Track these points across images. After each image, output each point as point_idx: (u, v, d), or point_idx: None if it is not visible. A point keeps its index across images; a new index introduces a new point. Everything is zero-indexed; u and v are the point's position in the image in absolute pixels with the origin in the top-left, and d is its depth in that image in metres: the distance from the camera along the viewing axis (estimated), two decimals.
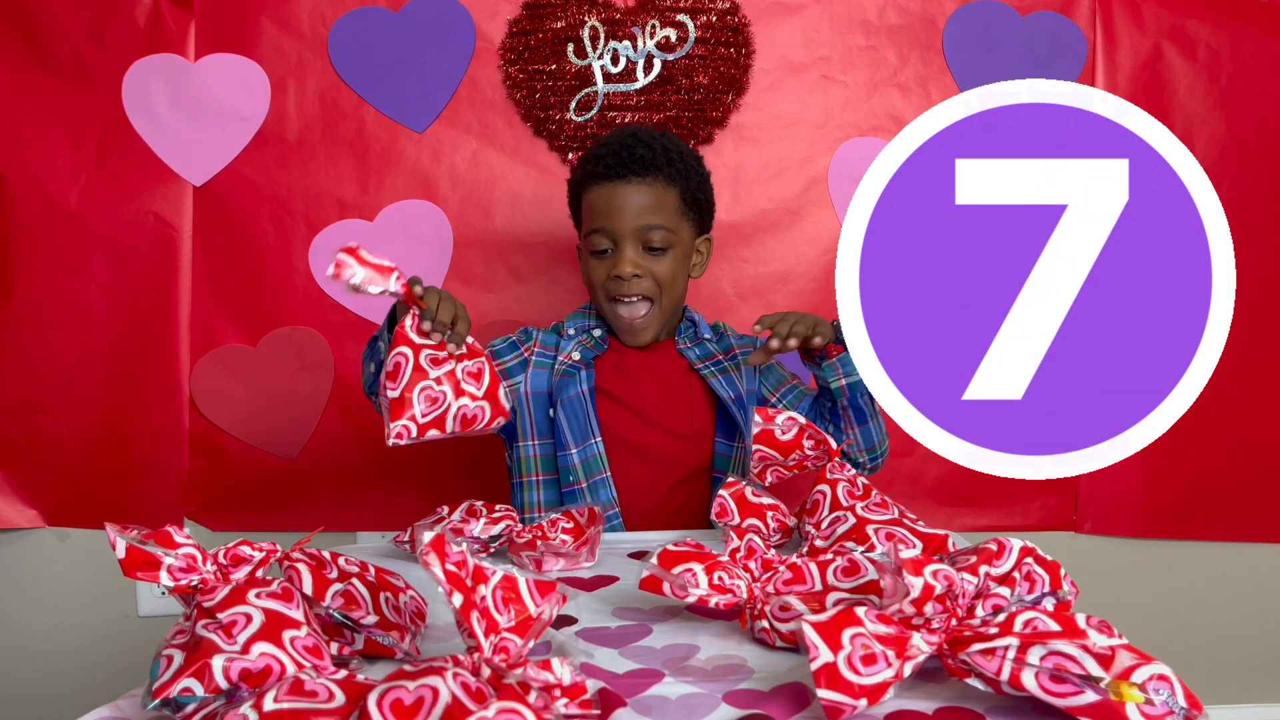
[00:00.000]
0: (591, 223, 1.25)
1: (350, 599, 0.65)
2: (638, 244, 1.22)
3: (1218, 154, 1.64)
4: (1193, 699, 0.51)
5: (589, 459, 1.22)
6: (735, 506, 0.95)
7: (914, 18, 1.64)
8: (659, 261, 1.24)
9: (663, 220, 1.23)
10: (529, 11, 1.60)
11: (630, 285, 1.22)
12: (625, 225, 1.22)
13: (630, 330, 1.26)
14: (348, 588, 0.65)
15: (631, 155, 1.22)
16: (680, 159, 1.25)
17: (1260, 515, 1.71)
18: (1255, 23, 1.64)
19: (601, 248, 1.24)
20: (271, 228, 1.62)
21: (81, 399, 1.62)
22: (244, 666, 0.53)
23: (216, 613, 0.57)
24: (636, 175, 1.22)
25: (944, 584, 0.58)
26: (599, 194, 1.24)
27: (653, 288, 1.24)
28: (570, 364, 1.26)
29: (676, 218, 1.25)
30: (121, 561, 0.57)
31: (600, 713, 0.56)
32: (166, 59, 1.58)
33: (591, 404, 1.23)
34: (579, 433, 1.22)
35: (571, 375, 1.24)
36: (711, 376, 1.27)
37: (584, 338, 1.30)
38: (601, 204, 1.23)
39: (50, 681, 1.68)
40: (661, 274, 1.24)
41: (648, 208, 1.22)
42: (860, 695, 0.53)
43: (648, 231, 1.22)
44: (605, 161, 1.23)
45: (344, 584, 0.65)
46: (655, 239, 1.23)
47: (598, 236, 1.24)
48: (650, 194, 1.23)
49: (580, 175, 1.28)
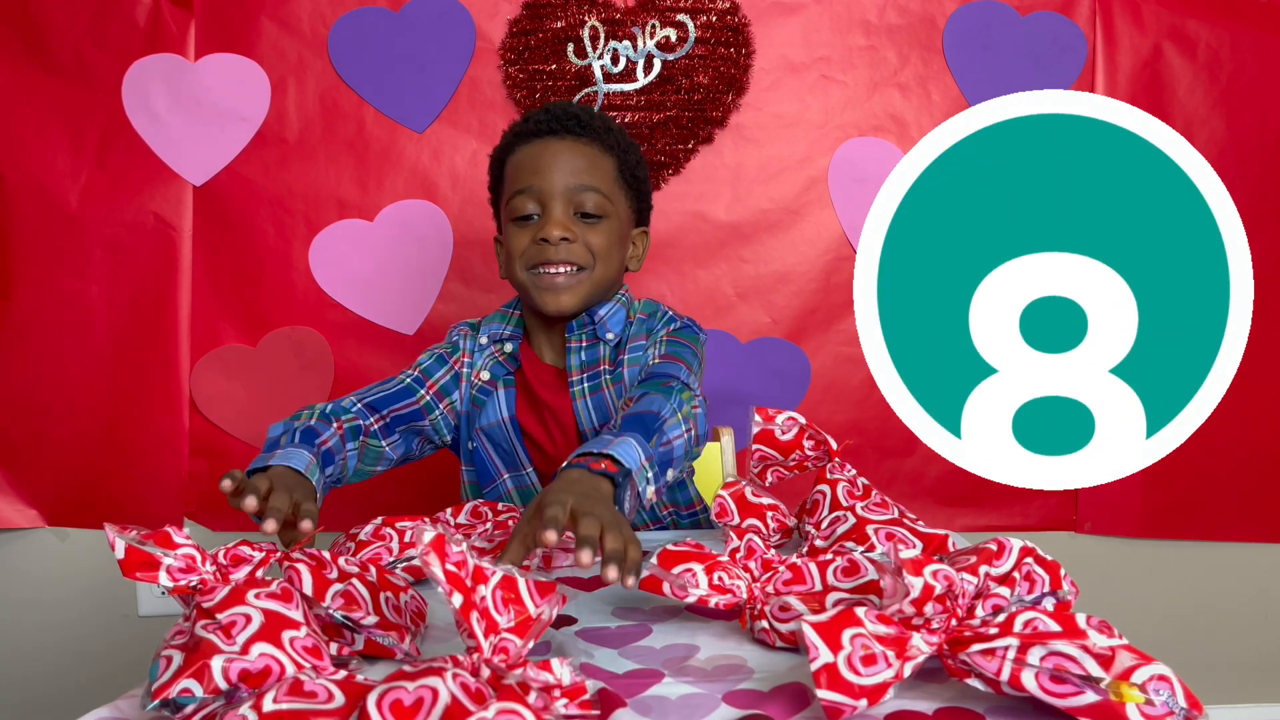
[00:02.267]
0: (515, 184, 1.07)
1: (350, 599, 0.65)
2: (569, 207, 1.05)
3: (1218, 154, 1.64)
4: (1193, 699, 0.51)
5: (524, 488, 1.12)
6: (735, 506, 0.95)
7: (914, 18, 1.64)
8: (593, 230, 1.07)
9: (598, 184, 1.07)
10: (529, 11, 1.60)
11: (559, 250, 1.04)
12: (556, 183, 1.05)
13: (553, 288, 1.06)
14: (348, 588, 0.65)
15: (565, 114, 1.07)
16: (619, 133, 1.12)
17: (1260, 515, 1.71)
18: (1255, 23, 1.64)
19: (525, 212, 1.06)
20: (271, 228, 1.62)
21: (81, 399, 1.62)
22: (243, 667, 0.53)
23: (216, 613, 0.57)
24: (570, 134, 1.06)
25: (944, 584, 0.58)
26: (526, 153, 1.07)
27: (585, 255, 1.06)
28: (482, 385, 1.12)
29: (614, 186, 1.09)
30: (121, 562, 0.57)
31: (600, 713, 0.56)
32: (166, 59, 1.58)
33: (515, 433, 1.11)
34: (507, 462, 1.12)
35: (485, 400, 1.11)
36: (580, 398, 1.09)
37: (495, 349, 1.14)
38: (529, 162, 1.06)
39: (50, 681, 1.68)
40: (596, 243, 1.06)
41: (583, 168, 1.06)
42: (860, 695, 0.53)
43: (581, 194, 1.05)
44: (535, 119, 1.08)
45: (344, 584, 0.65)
46: (589, 203, 1.06)
47: (521, 198, 1.06)
48: (585, 155, 1.07)
49: (505, 140, 1.11)
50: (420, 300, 1.64)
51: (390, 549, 0.88)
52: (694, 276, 1.65)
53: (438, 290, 1.64)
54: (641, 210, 1.16)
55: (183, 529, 0.62)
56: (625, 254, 1.14)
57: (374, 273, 1.63)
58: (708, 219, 1.65)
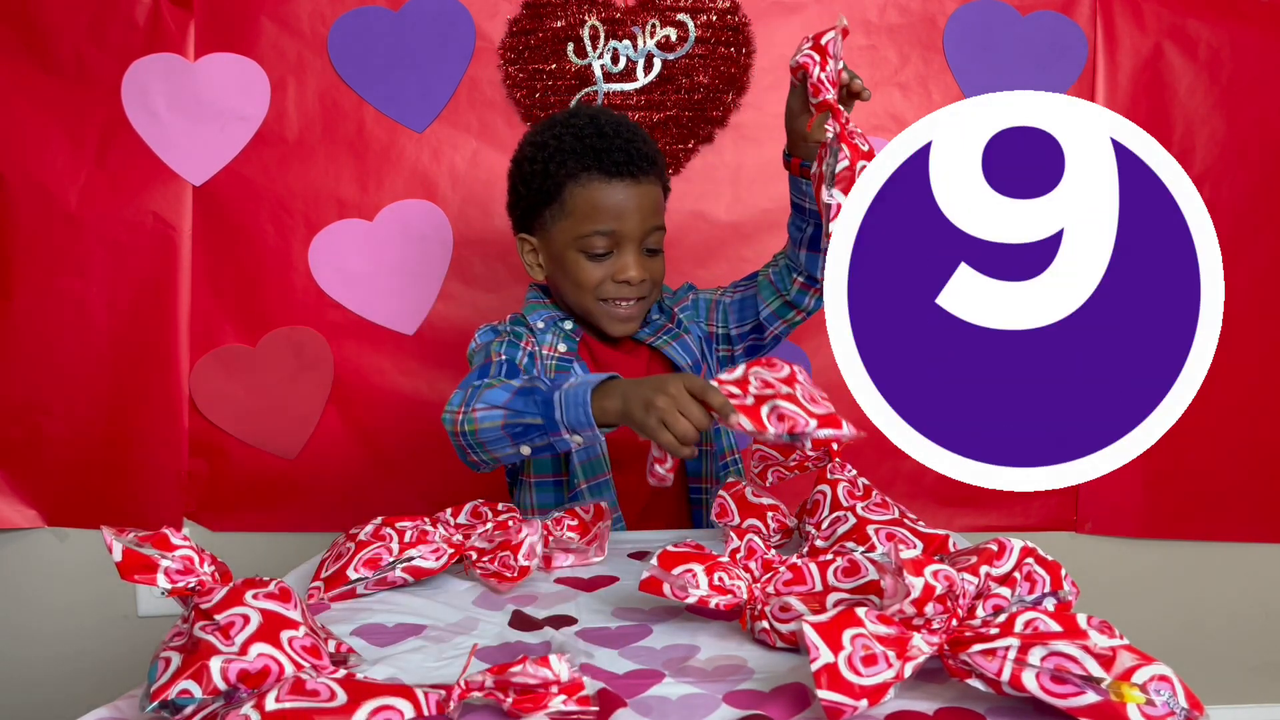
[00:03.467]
0: (592, 223, 1.14)
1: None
2: (640, 247, 1.16)
3: (1218, 154, 1.64)
4: (1194, 699, 0.51)
5: (591, 460, 1.17)
6: (735, 507, 0.95)
7: (914, 17, 1.64)
8: (654, 262, 1.19)
9: (660, 221, 1.19)
10: (529, 11, 1.60)
11: (635, 289, 1.16)
12: (635, 229, 1.14)
13: (623, 320, 1.18)
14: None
15: (638, 153, 1.14)
16: (658, 154, 1.20)
17: (1260, 515, 1.71)
18: (1255, 23, 1.64)
19: (600, 250, 1.15)
20: (271, 227, 1.62)
21: (81, 399, 1.62)
22: (242, 667, 0.53)
23: (214, 614, 0.57)
24: (644, 175, 1.15)
25: (944, 584, 0.58)
26: (604, 192, 1.14)
27: (650, 287, 1.19)
28: (561, 357, 1.19)
29: (663, 216, 1.21)
30: (118, 564, 0.57)
31: (599, 712, 0.56)
32: (166, 59, 1.58)
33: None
34: None
35: (566, 370, 1.18)
36: (666, 346, 1.22)
37: (556, 330, 1.21)
38: (609, 204, 1.14)
39: (50, 682, 1.68)
40: (657, 274, 1.20)
41: (652, 209, 1.17)
42: (861, 696, 0.53)
43: (650, 234, 1.17)
44: (613, 158, 1.13)
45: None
46: (653, 241, 1.18)
47: (598, 238, 1.14)
48: (652, 195, 1.17)
49: (572, 166, 1.15)
50: (420, 300, 1.64)
51: (390, 549, 0.88)
52: (694, 276, 1.64)
53: (437, 290, 1.64)
54: None
55: (182, 529, 0.62)
56: None
57: (374, 273, 1.63)
58: (708, 219, 1.65)
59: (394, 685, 0.52)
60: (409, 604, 0.82)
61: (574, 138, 1.15)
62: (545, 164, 1.16)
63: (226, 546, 1.63)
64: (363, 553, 0.86)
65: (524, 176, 1.20)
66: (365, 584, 0.85)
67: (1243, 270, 1.65)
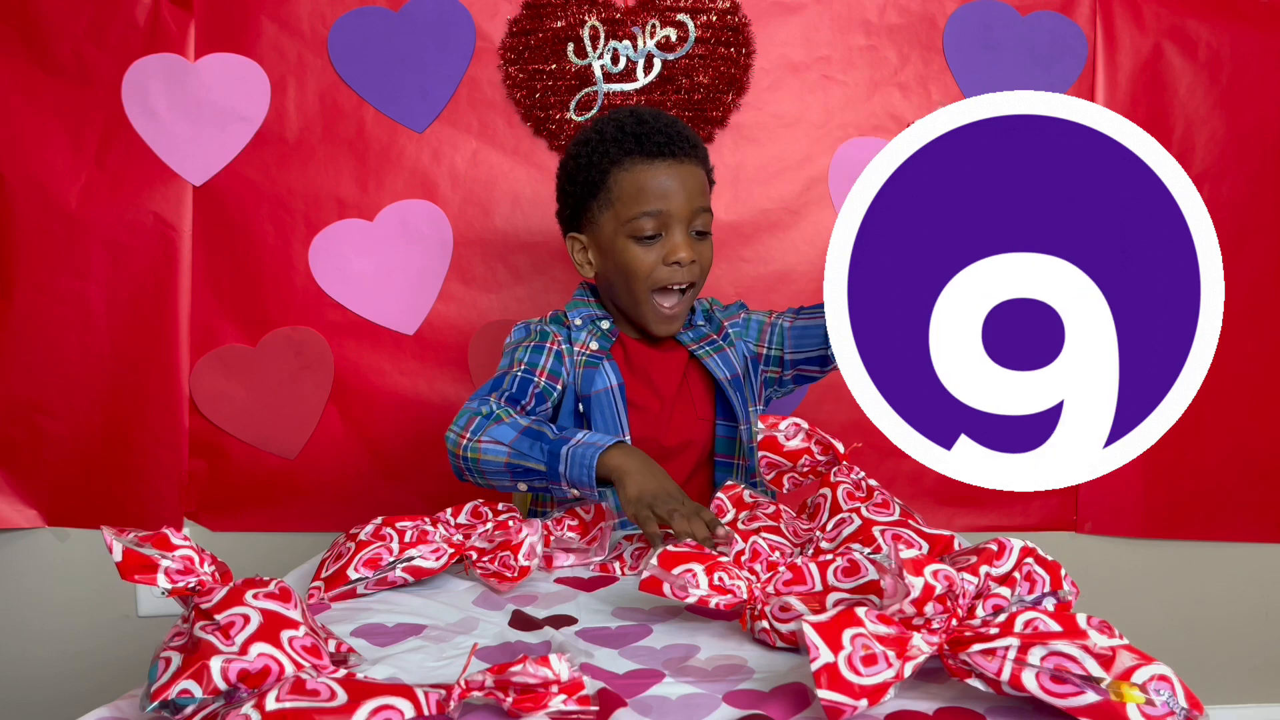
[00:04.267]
0: (638, 205, 1.13)
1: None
2: (688, 228, 1.15)
3: (1218, 154, 1.64)
4: (1193, 699, 0.51)
5: None
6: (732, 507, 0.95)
7: (914, 17, 1.64)
8: (703, 246, 1.17)
9: (707, 203, 1.17)
10: (529, 11, 1.60)
11: (687, 271, 1.15)
12: (682, 208, 1.13)
13: (668, 320, 1.18)
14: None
15: (679, 135, 1.14)
16: (700, 141, 1.21)
17: (1260, 515, 1.71)
18: (1255, 23, 1.64)
19: (650, 232, 1.13)
20: (271, 227, 1.62)
21: (81, 399, 1.62)
22: (242, 667, 0.53)
23: (214, 614, 0.57)
24: (686, 155, 1.15)
25: (944, 584, 0.58)
26: (647, 173, 1.13)
27: (699, 273, 1.17)
28: (591, 355, 1.19)
29: (709, 200, 1.19)
30: (118, 564, 0.57)
31: (599, 711, 0.56)
32: (166, 59, 1.58)
33: (622, 400, 1.18)
34: (604, 429, 1.17)
35: (595, 367, 1.18)
36: (707, 357, 1.22)
37: (591, 329, 1.22)
38: (655, 185, 1.13)
39: (50, 681, 1.68)
40: (706, 259, 1.17)
41: (698, 189, 1.15)
42: (861, 696, 0.53)
43: (697, 216, 1.15)
44: (655, 140, 1.13)
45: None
46: (701, 223, 1.16)
47: (646, 220, 1.13)
48: (697, 175, 1.16)
49: (614, 153, 1.15)
50: (420, 300, 1.64)
51: (390, 549, 0.88)
52: None
53: (437, 290, 1.64)
54: None
55: (182, 529, 0.62)
56: None
57: (374, 273, 1.63)
58: None
59: (394, 685, 0.52)
60: (409, 604, 0.82)
61: (615, 128, 1.16)
62: (589, 157, 1.17)
63: (226, 546, 1.63)
64: (363, 553, 0.86)
65: (570, 174, 1.20)
66: (365, 584, 0.85)
67: (1243, 270, 1.66)
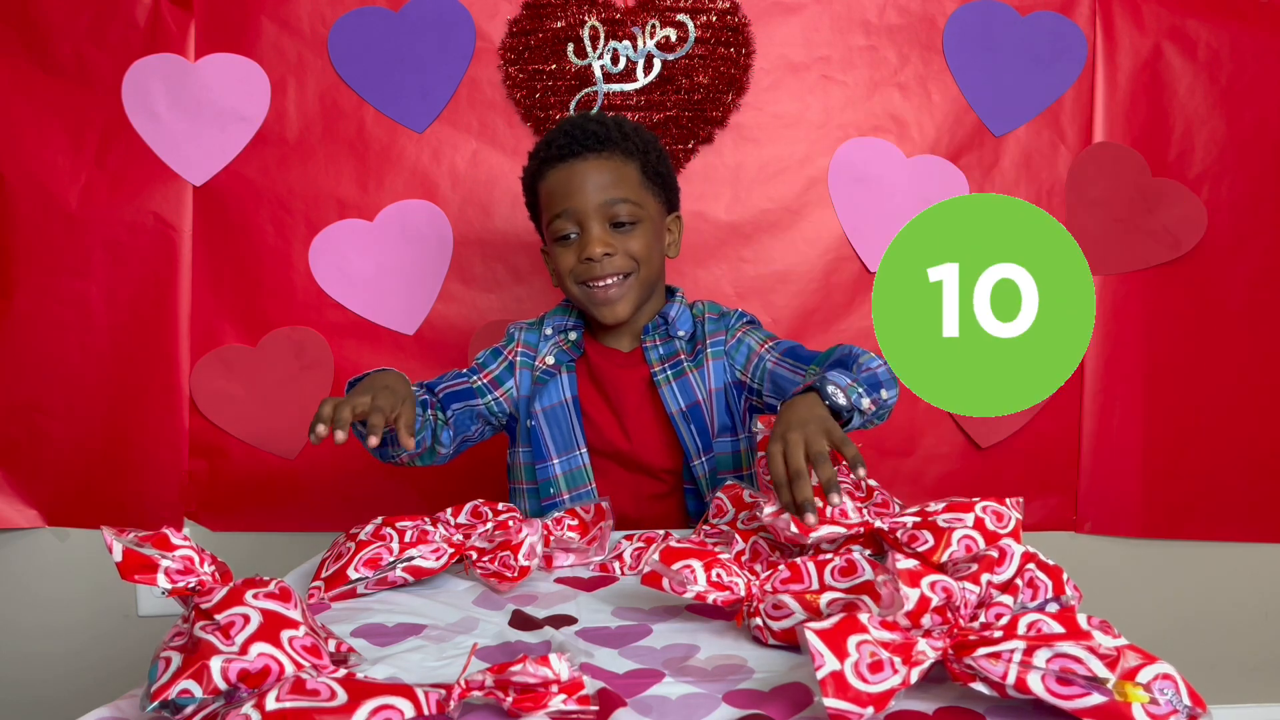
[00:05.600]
0: (552, 208, 1.17)
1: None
2: (604, 221, 1.14)
3: (1218, 154, 1.64)
4: (1197, 698, 0.51)
5: (573, 470, 1.18)
6: (732, 507, 0.95)
7: (914, 18, 1.64)
8: (630, 237, 1.15)
9: (627, 193, 1.15)
10: (529, 11, 1.60)
11: (603, 266, 1.14)
12: (588, 202, 1.14)
13: (606, 302, 1.16)
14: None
15: (584, 133, 1.15)
16: (635, 134, 1.18)
17: (1260, 515, 1.71)
18: (1255, 23, 1.64)
19: (566, 233, 1.16)
20: (271, 228, 1.62)
21: (81, 399, 1.62)
22: (242, 667, 0.53)
23: (214, 614, 0.57)
24: (592, 151, 1.14)
25: (942, 595, 0.58)
26: (555, 177, 1.16)
27: (628, 263, 1.16)
28: (545, 369, 1.21)
29: (640, 191, 1.17)
30: (119, 565, 0.57)
31: (599, 711, 0.56)
32: (166, 59, 1.58)
33: (576, 413, 1.18)
34: (562, 443, 1.18)
35: (548, 381, 1.20)
36: (666, 384, 1.18)
37: (560, 338, 1.23)
38: (560, 186, 1.15)
39: (50, 681, 1.68)
40: (635, 249, 1.16)
41: (610, 182, 1.14)
42: (868, 703, 0.52)
43: (613, 207, 1.14)
44: (557, 144, 1.16)
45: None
46: (622, 213, 1.14)
47: (560, 221, 1.15)
48: (609, 169, 1.15)
49: (534, 166, 1.20)
50: (420, 300, 1.64)
51: (390, 549, 0.88)
52: (694, 276, 1.65)
53: (438, 290, 1.64)
54: (670, 199, 1.24)
55: (182, 529, 0.62)
56: (664, 246, 1.22)
57: (374, 273, 1.63)
58: (708, 219, 1.65)
59: (394, 685, 0.52)
60: (409, 604, 0.82)
61: (544, 142, 1.19)
62: (526, 177, 1.23)
63: (226, 546, 1.63)
64: (363, 552, 0.86)
65: (525, 196, 1.26)
66: (365, 584, 0.85)
67: (1243, 270, 1.66)
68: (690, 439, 1.17)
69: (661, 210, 1.22)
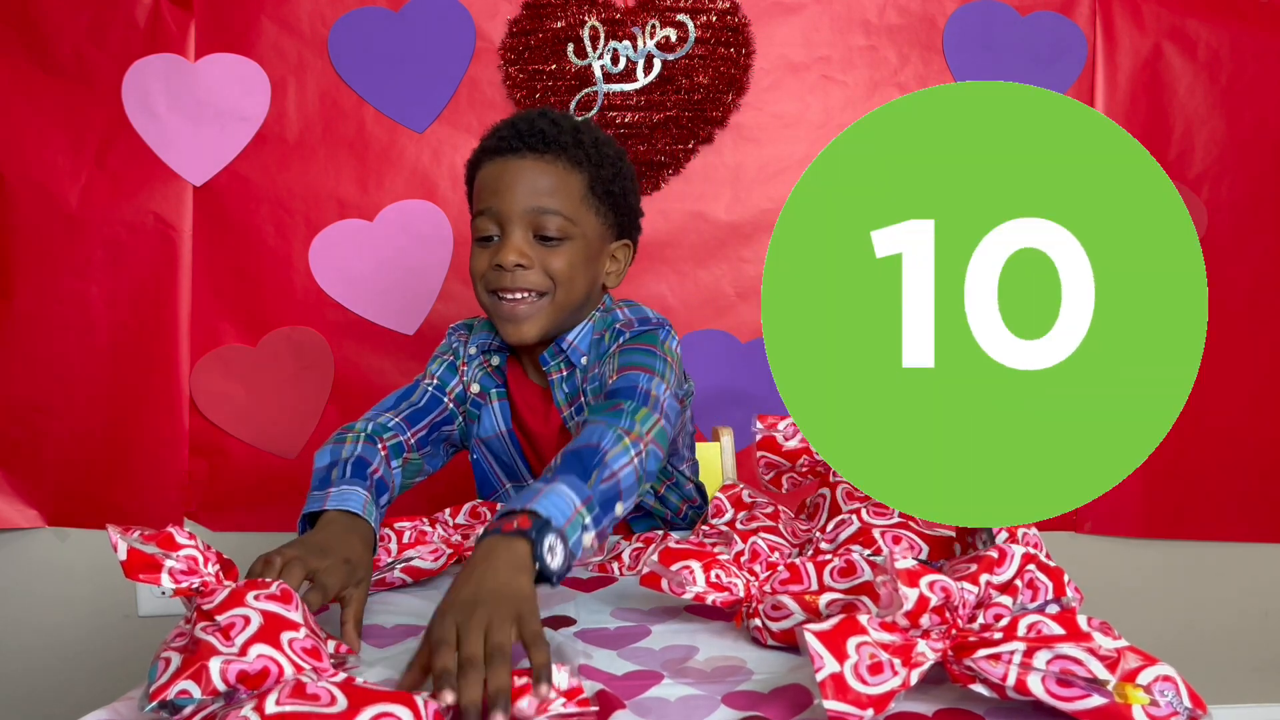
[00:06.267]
0: (478, 203, 1.03)
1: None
2: (527, 230, 1.00)
3: (1218, 154, 1.64)
4: (1197, 699, 0.51)
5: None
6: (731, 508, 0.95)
7: (914, 18, 1.64)
8: (553, 254, 1.01)
9: (560, 206, 1.01)
10: (529, 11, 1.60)
11: (515, 277, 0.99)
12: (514, 206, 0.99)
13: (512, 318, 1.01)
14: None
15: (531, 129, 1.01)
16: (594, 145, 1.04)
17: (1260, 515, 1.71)
18: (1255, 23, 1.64)
19: (487, 233, 1.02)
20: (271, 228, 1.62)
21: (81, 399, 1.62)
22: (241, 668, 0.53)
23: (215, 615, 0.57)
24: (533, 151, 1.01)
25: (940, 595, 0.58)
26: (489, 171, 1.02)
27: (543, 281, 1.01)
28: (474, 398, 1.10)
29: (579, 206, 1.02)
30: (123, 563, 0.57)
31: (599, 710, 0.56)
32: (166, 59, 1.58)
33: (514, 446, 1.10)
34: (508, 473, 1.13)
35: (479, 412, 1.10)
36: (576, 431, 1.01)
37: (484, 359, 1.11)
38: (490, 182, 1.02)
39: (50, 681, 1.68)
40: (556, 268, 1.01)
41: (545, 189, 1.00)
42: (868, 705, 0.52)
43: (540, 216, 1.00)
44: (500, 134, 1.03)
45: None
46: (550, 226, 1.00)
47: (483, 220, 1.02)
48: (548, 174, 1.01)
49: (476, 154, 1.06)
50: (420, 300, 1.64)
51: (389, 550, 0.88)
52: (694, 276, 1.65)
53: (438, 290, 1.64)
54: (622, 224, 1.09)
55: (183, 529, 0.62)
56: (598, 272, 1.07)
57: (374, 273, 1.63)
58: (708, 219, 1.65)
59: (394, 692, 0.52)
60: (408, 605, 0.82)
61: (490, 131, 1.06)
62: (468, 166, 1.09)
63: (226, 546, 1.62)
64: None
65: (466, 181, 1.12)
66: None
67: (1243, 270, 1.66)
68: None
69: (605, 233, 1.07)
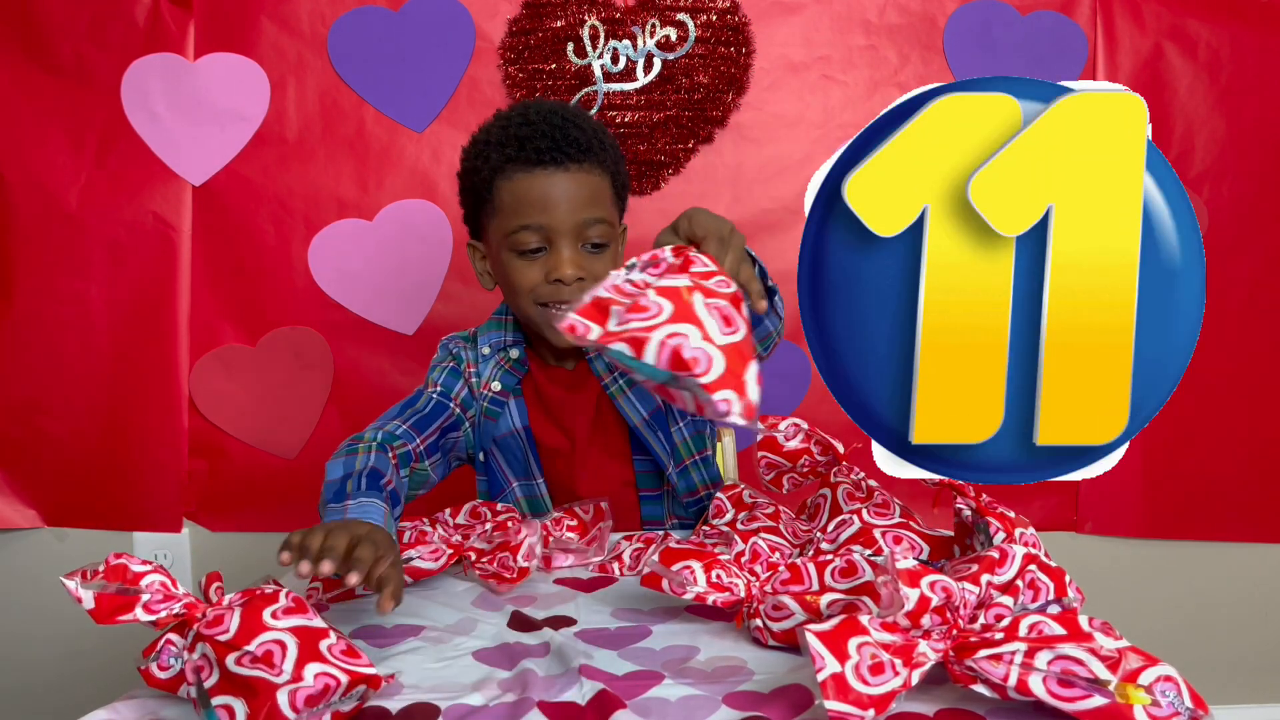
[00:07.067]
0: (518, 218, 1.04)
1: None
2: (577, 242, 1.04)
3: (1218, 154, 1.64)
4: (1198, 699, 0.51)
5: (532, 498, 1.13)
6: (732, 508, 0.94)
7: (914, 17, 1.64)
8: (598, 260, 1.05)
9: (603, 213, 1.05)
10: (529, 11, 1.60)
11: (573, 290, 1.03)
12: (565, 220, 1.02)
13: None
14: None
15: (566, 138, 1.03)
16: (611, 142, 1.08)
17: (1261, 515, 1.71)
18: (1255, 23, 1.64)
19: (531, 246, 1.04)
20: (271, 227, 1.62)
21: (81, 399, 1.62)
22: (308, 693, 0.53)
23: (239, 644, 0.55)
24: (574, 161, 1.03)
25: (941, 595, 0.58)
26: (527, 183, 1.03)
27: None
28: (495, 396, 1.12)
29: (611, 209, 1.07)
30: (91, 613, 0.56)
31: (598, 714, 0.56)
32: (166, 59, 1.58)
33: (530, 444, 1.12)
34: (518, 471, 1.13)
35: (499, 411, 1.12)
36: (621, 394, 1.10)
37: (501, 357, 1.13)
38: (533, 196, 1.03)
39: (49, 682, 1.68)
40: (602, 273, 1.03)
41: (587, 199, 1.04)
42: (869, 706, 0.52)
43: (588, 228, 1.04)
44: (535, 145, 1.02)
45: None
46: (595, 235, 1.04)
47: (527, 233, 1.03)
48: (588, 184, 1.04)
49: (496, 159, 1.06)
50: (420, 300, 1.64)
51: None
52: None
53: (437, 290, 1.64)
54: (623, 210, 1.14)
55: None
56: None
57: (374, 273, 1.63)
58: None
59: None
60: (408, 605, 0.82)
61: (500, 131, 1.07)
62: (475, 161, 1.09)
63: (226, 546, 1.63)
64: None
65: (462, 180, 1.14)
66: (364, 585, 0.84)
67: (1243, 270, 1.66)
68: (661, 447, 1.11)
69: (621, 224, 1.12)
